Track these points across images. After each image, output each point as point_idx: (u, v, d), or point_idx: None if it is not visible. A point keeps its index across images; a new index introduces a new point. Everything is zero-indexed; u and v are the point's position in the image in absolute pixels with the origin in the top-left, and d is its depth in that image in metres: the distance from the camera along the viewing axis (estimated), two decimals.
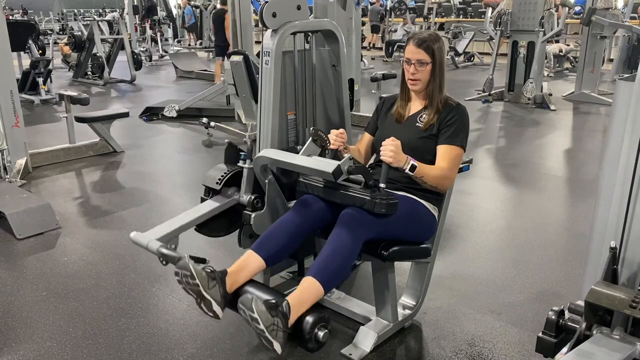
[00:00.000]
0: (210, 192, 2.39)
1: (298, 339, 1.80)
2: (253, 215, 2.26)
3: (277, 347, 1.71)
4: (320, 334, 1.79)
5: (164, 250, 2.03)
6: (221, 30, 7.98)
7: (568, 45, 11.46)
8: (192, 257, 1.92)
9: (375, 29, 15.27)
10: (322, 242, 2.42)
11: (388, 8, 14.56)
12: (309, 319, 1.79)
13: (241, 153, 2.34)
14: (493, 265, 3.03)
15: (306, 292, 1.85)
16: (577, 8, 12.06)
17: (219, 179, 2.31)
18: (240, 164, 2.31)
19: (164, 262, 2.10)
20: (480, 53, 12.87)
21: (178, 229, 2.13)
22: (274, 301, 1.75)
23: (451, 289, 2.75)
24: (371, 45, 15.58)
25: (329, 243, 1.94)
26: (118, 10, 19.14)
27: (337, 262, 1.90)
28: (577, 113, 7.39)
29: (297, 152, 2.49)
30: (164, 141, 6.07)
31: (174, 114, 6.76)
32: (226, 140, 2.43)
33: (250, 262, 1.99)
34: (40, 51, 8.95)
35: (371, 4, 16.16)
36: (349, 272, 2.00)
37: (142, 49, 13.57)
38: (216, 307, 1.84)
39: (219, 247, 3.06)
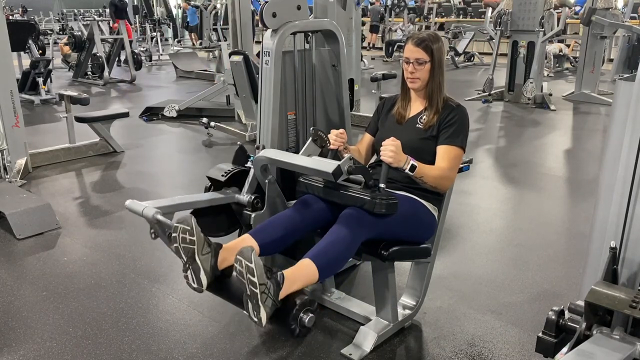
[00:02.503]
0: (212, 187, 2.41)
1: (282, 321, 1.79)
2: (253, 215, 2.26)
3: (263, 316, 1.68)
4: (306, 318, 1.78)
5: (160, 217, 2.00)
6: None
7: (568, 45, 11.48)
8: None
9: (374, 29, 15.26)
10: None
11: (388, 7, 14.54)
12: (297, 300, 1.78)
13: (250, 156, 2.36)
14: (493, 265, 3.03)
15: (301, 271, 1.85)
16: (577, 8, 12.06)
17: (226, 172, 2.33)
18: (249, 164, 2.32)
19: (153, 236, 2.07)
20: (480, 53, 12.87)
21: (176, 205, 2.13)
22: (269, 267, 1.75)
23: (451, 289, 2.75)
24: (371, 45, 15.58)
25: (329, 235, 1.95)
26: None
27: (335, 252, 1.91)
28: (577, 113, 7.39)
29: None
30: (164, 141, 6.07)
31: (174, 114, 6.77)
32: (238, 143, 2.46)
33: (245, 244, 1.97)
34: (40, 51, 8.96)
35: (371, 4, 16.16)
36: (342, 266, 2.00)
37: (142, 49, 13.58)
38: (203, 276, 1.84)
39: None
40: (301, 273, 1.84)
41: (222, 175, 2.35)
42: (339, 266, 1.98)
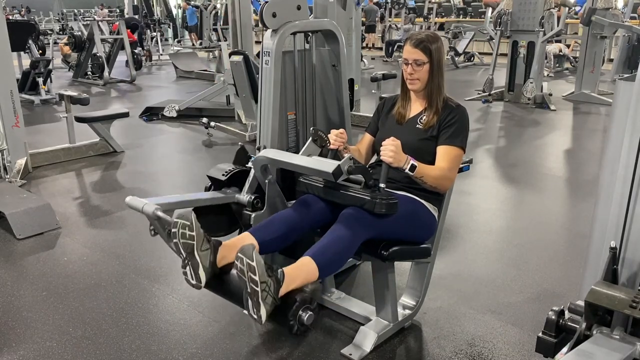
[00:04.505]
0: (212, 186, 2.42)
1: (281, 318, 1.77)
2: (253, 215, 2.26)
3: (263, 313, 1.67)
4: (305, 315, 1.75)
5: (160, 214, 1.96)
6: None
7: (568, 45, 11.49)
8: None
9: (371, 29, 15.19)
10: None
11: (387, 6, 14.51)
12: (297, 297, 1.75)
13: (251, 156, 2.36)
14: (493, 265, 3.03)
15: (302, 269, 1.83)
16: (577, 8, 12.06)
17: (226, 172, 2.34)
18: (250, 164, 2.33)
19: (153, 233, 2.05)
20: (480, 53, 12.87)
21: (176, 203, 2.12)
22: (270, 264, 1.74)
23: (451, 289, 2.75)
24: (371, 44, 15.55)
25: (329, 233, 1.94)
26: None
27: (335, 250, 1.90)
28: (577, 113, 7.39)
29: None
30: (164, 141, 6.07)
31: (174, 114, 6.77)
32: (240, 143, 2.47)
33: (244, 242, 1.95)
34: (40, 51, 8.95)
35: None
36: (342, 266, 1.99)
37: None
38: (201, 272, 1.82)
39: None
40: (301, 271, 1.83)
41: (223, 175, 2.36)
42: (339, 265, 1.98)
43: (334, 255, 1.90)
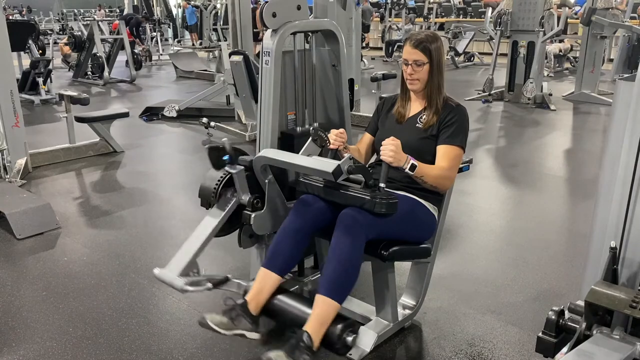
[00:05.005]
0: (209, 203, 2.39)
1: (328, 346, 1.94)
2: (253, 215, 2.26)
3: None
4: (349, 339, 1.94)
5: (190, 288, 2.14)
6: None
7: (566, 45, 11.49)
8: (212, 282, 2.11)
9: (365, 29, 15.12)
10: (322, 242, 2.44)
11: (387, 6, 14.49)
12: (335, 330, 1.92)
13: (224, 158, 2.28)
14: (493, 265, 3.03)
15: (323, 313, 1.93)
16: (577, 8, 12.07)
17: (214, 191, 2.30)
18: (228, 169, 2.25)
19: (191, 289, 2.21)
20: (480, 53, 12.87)
21: (194, 256, 2.22)
22: (294, 341, 1.85)
23: (451, 289, 2.75)
24: (365, 43, 15.53)
25: (333, 254, 1.97)
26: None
27: (345, 274, 1.96)
28: (577, 113, 7.39)
29: (297, 134, 2.50)
30: (164, 141, 6.07)
31: (174, 114, 6.77)
32: (205, 146, 2.39)
33: (266, 281, 2.07)
34: (40, 51, 8.96)
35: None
36: (357, 278, 2.02)
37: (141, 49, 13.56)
38: (250, 335, 1.99)
39: (218, 247, 3.05)
40: (323, 314, 1.92)
41: (213, 196, 2.32)
42: (354, 281, 2.01)
43: (346, 279, 1.96)
